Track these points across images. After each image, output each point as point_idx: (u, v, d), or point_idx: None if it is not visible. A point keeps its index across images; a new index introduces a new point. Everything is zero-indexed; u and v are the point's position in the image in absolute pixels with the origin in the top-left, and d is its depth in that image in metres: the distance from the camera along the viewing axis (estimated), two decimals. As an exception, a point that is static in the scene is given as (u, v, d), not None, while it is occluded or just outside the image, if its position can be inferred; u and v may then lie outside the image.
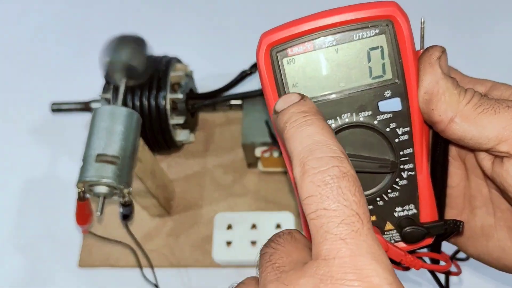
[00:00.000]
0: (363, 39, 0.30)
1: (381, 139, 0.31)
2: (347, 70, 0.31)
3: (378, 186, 0.32)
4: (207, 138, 0.71)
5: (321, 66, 0.31)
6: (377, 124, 0.31)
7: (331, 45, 0.30)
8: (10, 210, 0.69)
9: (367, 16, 0.30)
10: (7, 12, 0.88)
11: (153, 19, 0.84)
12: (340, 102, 0.31)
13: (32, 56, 0.83)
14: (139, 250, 0.60)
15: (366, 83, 0.31)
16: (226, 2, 0.85)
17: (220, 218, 0.62)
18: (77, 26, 0.85)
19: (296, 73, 0.31)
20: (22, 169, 0.71)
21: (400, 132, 0.31)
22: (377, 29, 0.30)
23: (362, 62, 0.30)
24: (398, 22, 0.30)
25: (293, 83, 0.31)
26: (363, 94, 0.31)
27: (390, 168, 0.31)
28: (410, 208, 0.33)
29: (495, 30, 0.77)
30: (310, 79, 0.31)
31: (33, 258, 0.65)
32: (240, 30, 0.82)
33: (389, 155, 0.31)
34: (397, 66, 0.30)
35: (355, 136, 0.31)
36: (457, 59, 0.67)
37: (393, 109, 0.31)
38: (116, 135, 0.49)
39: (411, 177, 0.32)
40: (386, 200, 0.33)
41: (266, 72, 0.32)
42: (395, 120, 0.31)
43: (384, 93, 0.31)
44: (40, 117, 0.75)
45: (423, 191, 0.32)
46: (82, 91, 0.70)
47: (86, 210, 0.52)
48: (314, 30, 0.30)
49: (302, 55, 0.31)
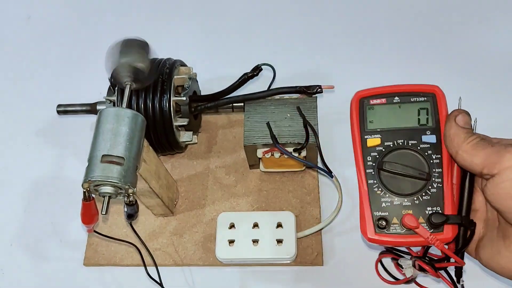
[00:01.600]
0: (417, 102, 0.50)
1: (422, 159, 0.48)
2: (405, 117, 0.50)
3: (417, 189, 0.47)
4: (210, 140, 0.71)
5: (390, 112, 0.50)
6: (419, 149, 0.48)
7: (396, 103, 0.50)
8: (17, 209, 0.69)
9: (421, 90, 0.50)
10: (14, 16, 0.89)
11: (157, 22, 0.85)
12: (398, 133, 0.49)
13: (39, 59, 0.84)
14: (143, 249, 0.60)
15: (415, 126, 0.49)
16: (229, 5, 0.86)
17: (223, 217, 0.62)
18: (83, 29, 0.86)
19: (374, 114, 0.51)
20: (28, 169, 0.72)
21: (434, 157, 0.48)
22: (425, 98, 0.50)
23: (414, 114, 0.50)
24: (438, 95, 0.50)
25: (370, 120, 0.50)
26: (413, 131, 0.49)
27: (426, 177, 0.47)
28: (437, 209, 0.47)
29: (494, 31, 0.78)
30: (382, 119, 0.50)
31: (39, 257, 0.66)
32: (243, 33, 0.82)
33: (426, 169, 0.47)
34: (435, 118, 0.49)
35: (405, 154, 0.48)
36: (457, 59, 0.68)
37: (430, 141, 0.48)
38: (121, 137, 0.50)
39: (439, 187, 0.47)
40: (421, 200, 0.47)
41: (355, 113, 0.51)
42: (431, 149, 0.48)
43: (426, 132, 0.49)
44: (46, 119, 0.76)
45: (447, 198, 0.47)
46: (87, 93, 0.71)
47: (91, 209, 0.52)
48: (388, 91, 0.51)
49: (378, 105, 0.51)
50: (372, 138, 0.50)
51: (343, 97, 0.69)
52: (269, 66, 0.67)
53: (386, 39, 0.79)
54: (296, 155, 0.60)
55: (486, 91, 0.72)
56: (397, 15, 0.81)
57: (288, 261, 0.61)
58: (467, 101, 0.70)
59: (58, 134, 0.75)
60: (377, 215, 0.47)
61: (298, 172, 0.67)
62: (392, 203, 0.48)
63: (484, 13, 0.80)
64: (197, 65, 0.68)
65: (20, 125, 0.77)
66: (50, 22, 0.87)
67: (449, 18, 0.80)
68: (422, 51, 0.77)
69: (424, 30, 0.79)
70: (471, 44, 0.77)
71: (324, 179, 0.67)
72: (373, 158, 0.49)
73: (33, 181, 0.71)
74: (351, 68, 0.76)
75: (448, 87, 0.72)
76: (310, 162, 0.63)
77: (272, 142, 0.59)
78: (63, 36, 0.86)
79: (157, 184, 0.58)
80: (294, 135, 0.60)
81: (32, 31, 0.87)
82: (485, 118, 0.72)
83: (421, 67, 0.75)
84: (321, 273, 0.61)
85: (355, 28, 0.81)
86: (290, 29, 0.82)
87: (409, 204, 0.47)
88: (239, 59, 0.76)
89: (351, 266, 0.61)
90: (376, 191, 0.48)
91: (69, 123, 0.75)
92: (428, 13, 0.81)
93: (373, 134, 0.50)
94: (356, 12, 0.83)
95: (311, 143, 0.59)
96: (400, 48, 0.78)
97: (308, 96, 0.63)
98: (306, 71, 0.76)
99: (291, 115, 0.62)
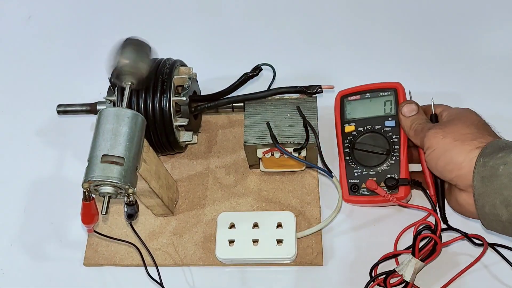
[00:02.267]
0: (383, 96, 0.64)
1: (384, 139, 0.62)
2: (374, 108, 0.64)
3: (380, 161, 0.62)
4: (210, 140, 0.72)
5: (362, 105, 0.65)
6: (383, 132, 0.63)
7: (368, 98, 0.65)
8: (17, 209, 0.70)
9: (386, 86, 0.65)
10: (15, 15, 0.89)
11: (157, 22, 0.85)
12: (368, 120, 0.64)
13: (39, 59, 0.84)
14: (143, 248, 0.60)
15: (381, 114, 0.64)
16: (229, 5, 0.86)
17: (223, 217, 0.63)
18: (83, 29, 0.86)
19: (350, 107, 0.66)
20: (28, 169, 0.72)
21: (394, 137, 0.62)
22: (389, 92, 0.64)
23: (381, 105, 0.64)
24: (399, 90, 0.64)
25: (348, 112, 0.65)
26: (379, 118, 0.63)
27: (386, 152, 0.62)
28: (394, 175, 0.60)
29: (491, 32, 0.78)
30: (356, 110, 0.65)
31: (39, 257, 0.66)
32: (243, 33, 0.82)
33: (387, 146, 0.62)
34: (396, 108, 0.63)
35: (372, 136, 0.63)
36: (455, 60, 0.69)
37: (391, 125, 0.63)
38: (121, 137, 0.50)
39: (397, 160, 0.61)
40: (383, 170, 0.61)
41: (337, 108, 0.66)
42: (392, 131, 0.62)
43: (388, 118, 0.63)
44: (46, 119, 0.77)
45: (402, 168, 0.60)
46: (87, 93, 0.71)
47: (91, 209, 0.53)
48: (361, 89, 0.66)
49: (354, 100, 0.66)
50: (348, 126, 0.65)
51: (343, 97, 0.70)
52: (269, 66, 0.67)
53: (386, 39, 0.79)
54: (296, 155, 0.60)
55: (483, 88, 0.72)
56: (396, 15, 0.81)
57: (288, 261, 0.61)
58: (464, 98, 0.71)
59: (58, 134, 0.75)
60: (350, 182, 0.62)
61: (298, 172, 0.67)
62: (361, 173, 0.62)
63: (482, 13, 0.80)
64: (197, 65, 0.68)
65: (20, 125, 0.77)
66: (50, 22, 0.87)
67: (447, 18, 0.80)
68: (421, 51, 0.77)
69: (423, 31, 0.79)
70: (469, 44, 0.77)
71: (324, 179, 0.67)
72: (349, 141, 0.64)
73: (33, 181, 0.71)
74: (351, 68, 0.76)
75: (445, 85, 0.73)
76: (310, 162, 0.63)
77: (272, 142, 0.60)
78: (63, 36, 0.86)
79: (157, 184, 0.59)
80: (294, 135, 0.60)
81: (32, 31, 0.87)
82: (485, 117, 0.72)
83: (420, 66, 0.75)
84: (321, 273, 0.61)
85: (355, 28, 0.81)
86: (290, 29, 0.82)
87: (374, 173, 0.61)
88: (239, 59, 0.76)
89: (351, 266, 0.61)
90: (350, 164, 0.63)
91: (69, 123, 0.75)
92: (427, 13, 0.81)
93: (349, 123, 0.65)
94: (356, 12, 0.83)
95: (311, 143, 0.59)
96: (399, 48, 0.78)
97: (308, 96, 0.63)
98: (306, 71, 0.76)
99: (291, 115, 0.62)
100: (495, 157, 0.49)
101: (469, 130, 0.53)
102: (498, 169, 0.48)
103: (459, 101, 0.64)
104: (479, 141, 0.51)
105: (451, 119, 0.57)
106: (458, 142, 0.52)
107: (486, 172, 0.49)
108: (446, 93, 0.72)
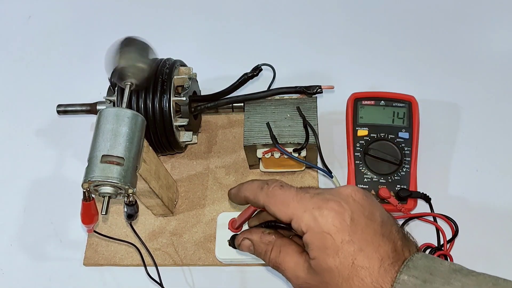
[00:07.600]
0: (396, 107, 0.67)
1: (397, 149, 0.65)
2: (387, 117, 0.66)
3: (391, 171, 0.63)
4: (210, 140, 0.72)
5: (376, 111, 0.67)
6: (396, 142, 0.65)
7: (382, 105, 0.67)
8: (17, 209, 0.70)
9: (401, 98, 0.67)
10: (15, 15, 0.89)
11: (157, 22, 0.85)
12: (381, 128, 0.66)
13: (39, 59, 0.84)
14: (143, 249, 0.60)
15: (395, 124, 0.66)
16: (229, 5, 0.86)
17: (223, 217, 0.62)
18: (83, 29, 0.86)
19: (364, 111, 0.67)
20: (28, 169, 0.73)
21: (406, 149, 0.65)
22: (404, 104, 0.67)
23: (395, 115, 0.66)
24: (413, 103, 0.67)
25: (361, 116, 0.67)
26: (393, 128, 0.66)
27: (398, 163, 0.64)
28: (404, 186, 0.62)
29: (490, 34, 0.78)
30: (370, 116, 0.67)
31: (39, 257, 0.66)
32: (242, 33, 0.82)
33: (399, 157, 0.64)
34: (410, 120, 0.66)
35: (385, 144, 0.65)
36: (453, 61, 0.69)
37: (404, 137, 0.65)
38: (121, 137, 0.50)
39: (407, 171, 0.63)
40: (393, 179, 0.63)
41: (350, 109, 0.67)
42: (404, 142, 0.65)
43: (402, 129, 0.66)
44: (46, 119, 0.77)
45: (412, 180, 0.63)
46: (87, 93, 0.71)
47: (91, 210, 0.52)
48: (377, 95, 0.68)
49: (368, 105, 0.68)
50: (361, 129, 0.66)
51: (343, 97, 0.70)
52: (269, 66, 0.67)
53: (386, 39, 0.79)
54: (296, 155, 0.60)
55: (484, 91, 0.72)
56: (396, 16, 0.81)
57: (288, 261, 0.61)
58: (465, 102, 0.71)
59: (58, 134, 0.75)
60: (359, 187, 0.57)
61: (298, 172, 0.67)
62: (371, 179, 0.63)
63: (483, 14, 0.80)
64: (197, 65, 0.68)
65: (20, 125, 0.77)
66: (50, 22, 0.87)
67: (447, 20, 0.80)
68: (421, 53, 0.77)
69: (423, 33, 0.79)
70: (470, 46, 0.77)
71: (324, 179, 0.67)
72: (360, 145, 0.65)
73: (33, 181, 0.72)
74: (350, 68, 0.76)
75: (445, 88, 0.73)
76: (310, 162, 0.63)
77: (272, 142, 0.60)
78: (63, 36, 0.86)
79: (157, 184, 0.59)
80: (294, 135, 0.60)
81: (32, 31, 0.87)
82: (485, 119, 0.72)
83: (419, 68, 0.75)
84: (321, 273, 0.61)
85: (355, 28, 0.81)
86: (290, 29, 0.82)
87: (384, 181, 0.63)
88: (239, 59, 0.76)
89: (351, 266, 0.61)
90: (361, 169, 0.64)
91: (69, 123, 0.75)
92: (427, 15, 0.81)
93: (362, 127, 0.66)
94: (356, 12, 0.83)
95: (311, 143, 0.59)
96: (399, 49, 0.78)
97: (308, 96, 0.63)
98: (306, 71, 0.76)
99: (291, 115, 0.62)
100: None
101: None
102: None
103: (460, 101, 0.64)
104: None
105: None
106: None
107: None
108: (445, 93, 0.72)
